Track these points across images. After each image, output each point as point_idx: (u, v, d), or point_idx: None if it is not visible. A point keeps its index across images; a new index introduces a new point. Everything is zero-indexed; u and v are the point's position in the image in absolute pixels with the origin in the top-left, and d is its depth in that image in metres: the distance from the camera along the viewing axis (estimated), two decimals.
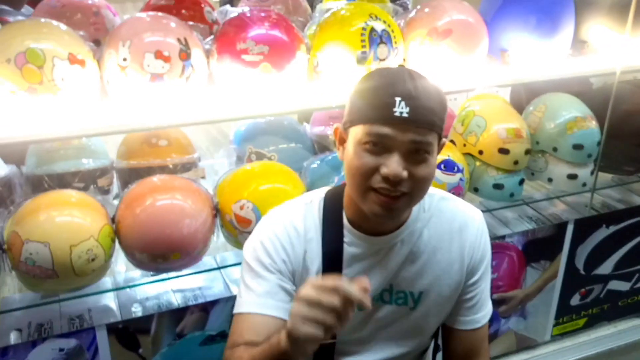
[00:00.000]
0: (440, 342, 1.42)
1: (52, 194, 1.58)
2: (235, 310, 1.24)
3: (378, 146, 1.09)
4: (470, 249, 1.29)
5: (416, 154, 1.10)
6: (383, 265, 1.25)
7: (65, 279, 1.50)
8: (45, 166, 1.75)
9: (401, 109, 1.06)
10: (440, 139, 1.15)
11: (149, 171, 1.78)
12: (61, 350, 1.57)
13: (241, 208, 1.66)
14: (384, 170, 1.08)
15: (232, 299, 1.74)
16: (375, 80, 1.12)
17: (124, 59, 1.44)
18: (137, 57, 1.43)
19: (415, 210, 1.26)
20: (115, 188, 1.87)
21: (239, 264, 1.86)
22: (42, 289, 1.57)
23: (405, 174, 1.08)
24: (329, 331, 0.93)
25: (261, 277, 1.22)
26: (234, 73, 1.55)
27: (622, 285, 2.55)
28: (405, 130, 1.07)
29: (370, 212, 1.14)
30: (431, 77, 1.13)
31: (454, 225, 1.29)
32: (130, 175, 1.79)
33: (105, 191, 1.82)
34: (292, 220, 1.25)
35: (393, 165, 1.08)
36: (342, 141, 1.19)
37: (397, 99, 1.06)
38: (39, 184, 1.73)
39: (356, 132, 1.12)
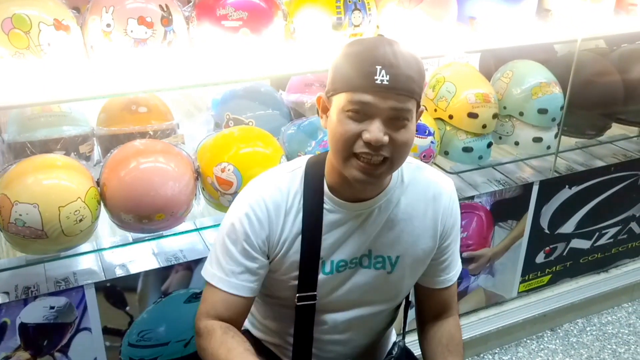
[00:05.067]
0: (412, 298, 1.50)
1: (38, 158, 1.60)
2: (205, 275, 1.32)
3: (360, 113, 1.14)
4: (443, 217, 1.37)
5: (396, 120, 1.15)
6: (362, 231, 1.31)
7: (54, 239, 1.53)
8: (27, 133, 1.76)
9: (382, 77, 1.10)
10: (418, 106, 1.20)
11: (129, 137, 1.80)
12: (52, 308, 1.61)
13: (222, 170, 1.70)
14: (366, 135, 1.13)
15: None
16: (357, 50, 1.15)
17: (108, 25, 1.47)
18: (121, 23, 1.47)
19: (393, 179, 1.31)
20: (96, 155, 1.89)
21: (217, 225, 1.92)
22: (32, 250, 1.60)
23: (386, 139, 1.14)
24: None
25: (230, 256, 1.28)
26: (214, 38, 1.59)
27: (583, 244, 2.67)
28: (386, 97, 1.12)
29: (352, 177, 1.19)
30: (409, 46, 1.17)
31: (428, 194, 1.36)
32: (111, 142, 1.82)
33: (87, 157, 1.85)
34: (272, 195, 1.28)
35: (374, 130, 1.13)
36: (325, 110, 1.23)
37: (378, 68, 1.10)
38: (21, 151, 1.75)
39: (339, 100, 1.16)
